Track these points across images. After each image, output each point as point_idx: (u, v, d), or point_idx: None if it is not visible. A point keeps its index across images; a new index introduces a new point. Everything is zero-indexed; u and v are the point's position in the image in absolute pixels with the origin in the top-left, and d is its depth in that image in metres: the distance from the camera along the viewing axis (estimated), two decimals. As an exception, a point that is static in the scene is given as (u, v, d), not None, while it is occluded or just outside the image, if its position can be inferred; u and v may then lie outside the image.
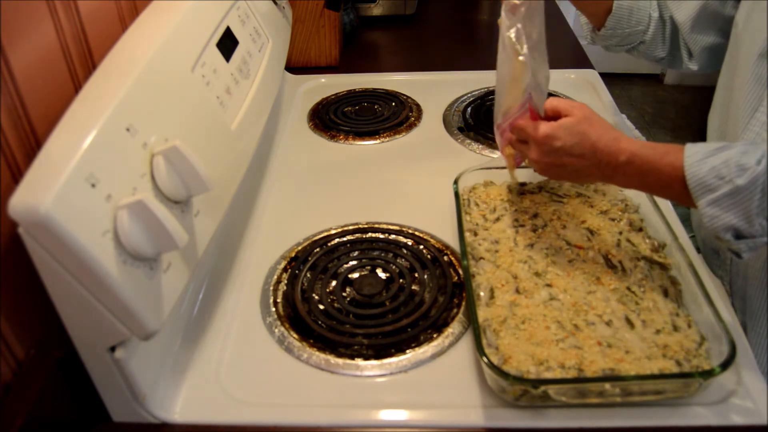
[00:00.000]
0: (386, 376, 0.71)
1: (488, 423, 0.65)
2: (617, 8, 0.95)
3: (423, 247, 0.87)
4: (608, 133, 0.70)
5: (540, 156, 0.73)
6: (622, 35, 0.98)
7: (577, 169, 0.72)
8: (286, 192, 1.01)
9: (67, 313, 0.57)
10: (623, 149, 0.69)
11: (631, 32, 0.97)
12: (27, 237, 0.51)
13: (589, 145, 0.70)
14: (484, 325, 0.69)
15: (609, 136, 0.70)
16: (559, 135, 0.70)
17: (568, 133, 0.70)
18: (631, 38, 0.98)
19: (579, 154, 0.70)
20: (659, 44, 0.99)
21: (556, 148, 0.71)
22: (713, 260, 0.92)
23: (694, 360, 0.65)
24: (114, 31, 0.78)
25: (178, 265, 0.63)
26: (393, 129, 1.15)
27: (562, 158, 0.71)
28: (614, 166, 0.69)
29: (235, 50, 0.86)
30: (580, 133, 0.70)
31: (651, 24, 0.97)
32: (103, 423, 0.66)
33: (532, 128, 0.73)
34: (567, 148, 0.70)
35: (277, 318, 0.78)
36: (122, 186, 0.56)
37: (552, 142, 0.71)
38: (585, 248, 0.79)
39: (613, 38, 0.99)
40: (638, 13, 0.96)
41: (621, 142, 0.69)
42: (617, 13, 0.96)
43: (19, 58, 0.59)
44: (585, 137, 0.70)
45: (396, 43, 1.57)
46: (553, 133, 0.71)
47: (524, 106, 0.76)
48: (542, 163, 0.74)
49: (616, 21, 0.96)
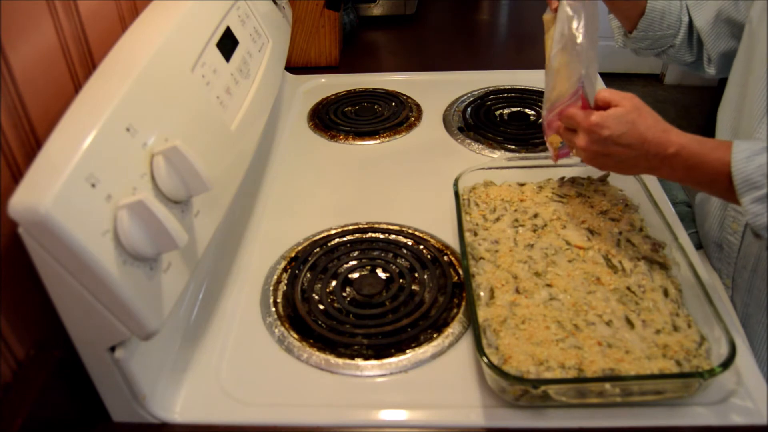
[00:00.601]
0: (386, 376, 0.71)
1: (488, 423, 0.65)
2: (650, 10, 0.95)
3: (423, 247, 0.87)
4: (658, 124, 0.70)
5: (588, 144, 0.73)
6: (653, 38, 0.98)
7: (623, 159, 0.72)
8: (286, 192, 1.01)
9: (67, 313, 0.57)
10: (672, 141, 0.69)
11: (662, 35, 0.97)
12: (27, 237, 0.51)
13: (638, 136, 0.70)
14: (484, 325, 0.69)
15: (658, 128, 0.70)
16: (608, 124, 0.70)
17: (617, 122, 0.70)
18: (661, 42, 0.98)
19: (626, 143, 0.70)
20: (687, 49, 0.99)
21: (605, 137, 0.71)
22: (715, 253, 0.92)
23: (694, 360, 0.65)
24: (114, 31, 0.78)
25: (178, 265, 0.63)
26: (393, 129, 1.15)
27: (610, 147, 0.71)
28: (662, 158, 0.69)
29: (235, 50, 0.86)
30: (629, 122, 0.70)
31: (681, 28, 0.97)
32: (103, 423, 0.66)
33: (581, 116, 0.73)
34: (615, 137, 0.70)
35: (277, 318, 0.78)
36: (122, 186, 0.56)
37: (600, 131, 0.71)
38: (585, 248, 0.79)
39: (644, 41, 0.99)
40: (670, 16, 0.96)
41: (670, 134, 0.69)
42: (650, 16, 0.96)
43: (19, 58, 0.59)
44: (634, 127, 0.70)
45: (396, 43, 1.57)
46: (603, 121, 0.71)
47: (576, 94, 0.76)
48: (589, 152, 0.74)
49: (648, 24, 0.96)
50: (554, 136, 0.83)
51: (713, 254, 0.93)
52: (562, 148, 0.85)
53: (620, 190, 0.89)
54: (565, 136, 0.79)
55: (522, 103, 1.21)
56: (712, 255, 0.93)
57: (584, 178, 0.92)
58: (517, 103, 1.21)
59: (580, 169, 0.93)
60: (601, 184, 0.91)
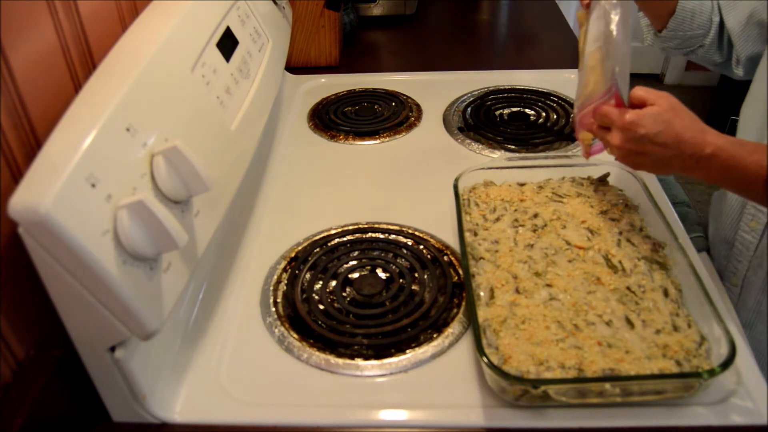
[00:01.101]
0: (386, 376, 0.71)
1: (488, 423, 0.65)
2: (681, 10, 0.95)
3: (423, 247, 0.87)
4: (695, 124, 0.70)
5: (622, 142, 0.72)
6: (683, 38, 0.97)
7: (658, 159, 0.71)
8: (286, 192, 1.01)
9: (67, 313, 0.57)
10: (709, 142, 0.68)
11: (692, 35, 0.97)
12: (27, 237, 0.51)
13: (674, 135, 0.69)
14: (484, 325, 0.69)
15: (695, 128, 0.69)
16: (643, 122, 0.70)
17: (653, 120, 0.70)
18: (691, 41, 0.98)
19: (662, 143, 0.70)
20: (717, 49, 0.99)
21: (640, 135, 0.70)
22: (724, 251, 0.92)
23: (694, 360, 0.65)
24: (114, 31, 0.78)
25: (178, 265, 0.63)
26: (393, 129, 1.15)
27: (645, 146, 0.71)
28: (697, 158, 0.69)
29: (235, 50, 0.86)
30: (665, 122, 0.69)
31: (711, 28, 0.97)
32: (103, 423, 0.66)
33: (616, 114, 0.73)
34: (651, 136, 0.70)
35: (277, 318, 0.78)
36: (122, 186, 0.56)
37: (636, 129, 0.70)
38: (585, 248, 0.79)
39: (674, 40, 0.98)
40: (700, 16, 0.96)
41: (707, 135, 0.69)
42: (680, 15, 0.95)
43: (19, 58, 0.59)
44: (670, 126, 0.69)
45: (396, 43, 1.57)
46: (638, 120, 0.70)
47: (609, 92, 0.76)
48: (624, 150, 0.73)
49: (678, 23, 0.96)
50: (585, 133, 0.82)
51: (721, 252, 0.92)
52: (594, 145, 0.84)
53: (620, 190, 0.89)
54: (598, 134, 0.78)
55: (522, 103, 1.21)
56: (720, 253, 0.92)
57: (584, 178, 0.92)
58: (517, 103, 1.21)
59: (580, 169, 0.93)
60: (601, 184, 0.91)
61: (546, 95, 1.23)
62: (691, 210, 1.07)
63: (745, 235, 0.87)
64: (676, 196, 1.08)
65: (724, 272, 0.91)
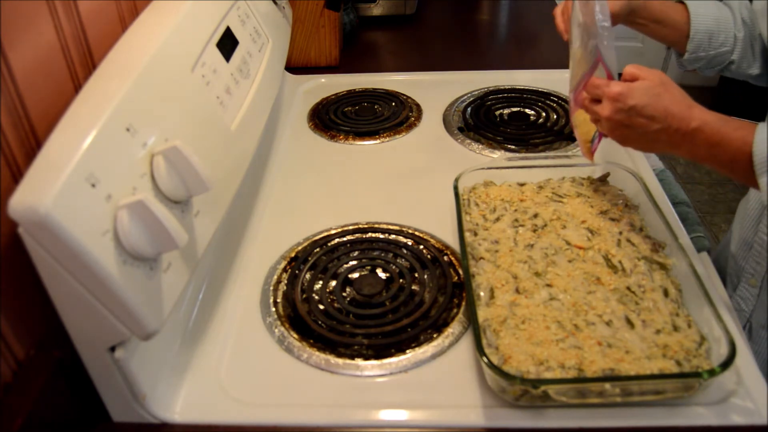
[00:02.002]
0: (386, 376, 0.71)
1: (488, 423, 0.65)
2: (694, 33, 0.95)
3: (423, 247, 0.87)
4: (684, 99, 0.71)
5: (612, 113, 0.73)
6: (707, 58, 0.98)
7: (645, 132, 0.72)
8: (286, 192, 1.01)
9: (67, 313, 0.57)
10: (695, 116, 0.69)
11: (717, 54, 0.97)
12: (27, 237, 0.51)
13: (662, 108, 0.70)
14: (484, 325, 0.69)
15: (683, 103, 0.71)
16: (633, 94, 0.71)
17: (642, 93, 0.71)
18: (717, 60, 0.98)
19: (650, 115, 0.71)
20: (751, 62, 0.98)
21: (629, 106, 0.71)
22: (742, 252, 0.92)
23: (694, 360, 0.65)
24: (114, 31, 0.78)
25: (178, 265, 0.63)
26: (393, 129, 1.15)
27: (633, 118, 0.72)
28: (683, 133, 0.70)
29: (235, 50, 0.86)
30: (654, 95, 0.71)
31: (737, 44, 0.97)
32: (103, 423, 0.66)
33: (606, 84, 0.74)
34: (639, 107, 0.71)
35: (277, 318, 0.78)
36: (122, 186, 0.56)
37: (626, 100, 0.71)
38: (585, 248, 0.79)
39: (699, 61, 0.99)
40: (719, 35, 0.96)
41: (694, 110, 0.70)
42: (695, 39, 0.96)
43: (19, 58, 0.60)
44: (659, 99, 0.71)
45: (396, 43, 1.57)
46: (628, 91, 0.71)
47: (595, 65, 0.78)
48: (613, 121, 0.74)
49: (695, 46, 0.96)
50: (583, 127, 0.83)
51: (740, 253, 0.92)
52: (593, 142, 0.85)
53: (620, 190, 0.89)
54: (589, 108, 0.79)
55: (522, 103, 1.21)
56: (739, 254, 0.92)
57: (584, 178, 0.92)
58: (517, 103, 1.21)
59: (580, 169, 0.93)
60: (601, 184, 0.91)
61: (546, 95, 1.23)
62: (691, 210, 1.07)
63: (764, 236, 0.87)
64: (676, 196, 1.08)
65: (743, 273, 0.91)
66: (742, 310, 0.89)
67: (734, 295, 0.91)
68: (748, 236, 0.91)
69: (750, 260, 0.89)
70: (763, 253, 0.87)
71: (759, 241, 0.88)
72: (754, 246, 0.89)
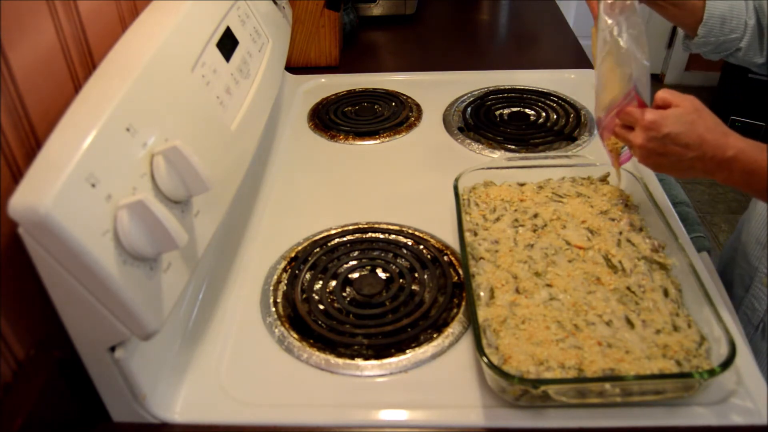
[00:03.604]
0: (386, 376, 0.71)
1: (488, 423, 0.65)
2: (708, 17, 0.94)
3: (423, 247, 0.87)
4: (718, 127, 0.70)
5: (645, 141, 0.72)
6: (716, 43, 0.97)
7: (680, 160, 0.71)
8: (286, 192, 1.01)
9: (67, 313, 0.57)
10: (731, 145, 0.69)
11: (726, 40, 0.96)
12: (27, 237, 0.51)
13: (696, 136, 0.69)
14: (484, 325, 0.69)
15: (718, 130, 0.70)
16: (667, 122, 0.70)
17: (676, 121, 0.70)
18: (725, 46, 0.97)
19: (684, 143, 0.70)
20: (757, 51, 0.98)
21: (663, 134, 0.70)
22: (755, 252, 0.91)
23: (694, 360, 0.65)
24: (114, 31, 0.78)
25: (178, 265, 0.63)
26: (393, 129, 1.15)
27: (667, 146, 0.71)
28: (719, 161, 0.69)
29: (235, 50, 0.86)
30: (688, 123, 0.70)
31: (747, 31, 0.95)
32: (103, 423, 0.66)
33: (639, 114, 0.73)
34: (673, 135, 0.70)
35: (277, 318, 0.78)
36: (122, 186, 0.56)
37: (659, 128, 0.71)
38: (585, 248, 0.79)
39: (707, 46, 0.98)
40: (732, 21, 0.95)
41: (729, 138, 0.69)
42: (708, 23, 0.94)
43: (19, 58, 0.60)
44: (693, 127, 0.70)
45: (396, 43, 1.57)
46: (662, 120, 0.71)
47: (630, 95, 0.77)
48: (645, 149, 0.73)
49: (708, 30, 0.95)
50: (613, 139, 0.82)
51: (753, 253, 0.92)
52: (623, 154, 0.85)
53: (620, 190, 0.89)
54: (621, 134, 0.79)
55: (522, 103, 1.21)
56: (752, 253, 0.92)
57: (584, 178, 0.92)
58: (517, 103, 1.21)
59: (580, 169, 0.93)
60: (601, 184, 0.91)
61: (546, 95, 1.23)
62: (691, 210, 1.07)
63: None
64: (676, 196, 1.08)
65: (756, 273, 0.91)
66: (755, 309, 0.89)
67: (747, 295, 0.91)
68: (760, 236, 0.91)
69: (763, 260, 0.89)
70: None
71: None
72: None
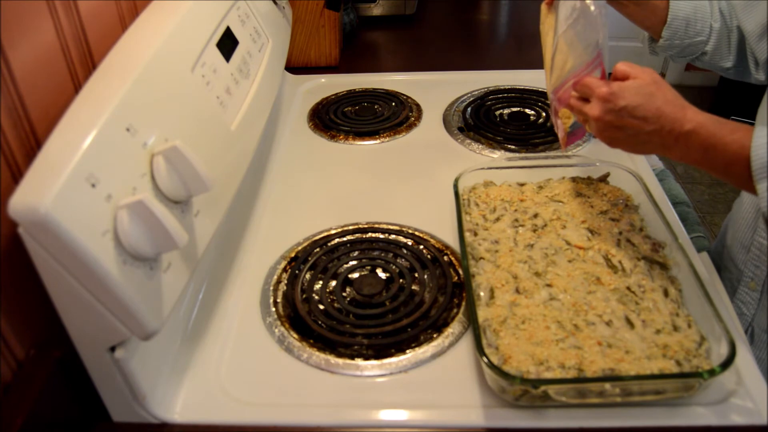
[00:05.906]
0: (386, 376, 0.71)
1: (488, 423, 0.65)
2: (672, 19, 0.93)
3: (423, 247, 0.87)
4: (676, 100, 0.68)
5: (601, 113, 0.70)
6: (681, 46, 0.96)
7: (636, 133, 0.69)
8: (286, 192, 1.01)
9: (67, 313, 0.57)
10: (689, 118, 0.67)
11: (691, 43, 0.95)
12: (27, 237, 0.51)
13: (654, 109, 0.68)
14: (484, 325, 0.69)
15: (676, 103, 0.68)
16: (624, 94, 0.68)
17: (634, 93, 0.68)
18: (691, 49, 0.96)
19: (642, 116, 0.68)
20: (724, 54, 0.96)
21: (620, 107, 0.68)
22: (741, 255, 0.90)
23: (694, 360, 0.65)
24: (114, 31, 0.78)
25: (178, 265, 0.63)
26: (393, 129, 1.15)
27: (624, 119, 0.69)
28: (677, 135, 0.67)
29: (235, 50, 0.86)
30: (647, 95, 0.68)
31: (712, 35, 0.94)
32: (103, 423, 0.66)
33: (597, 84, 0.71)
34: (630, 108, 0.68)
35: (277, 318, 0.78)
36: (122, 186, 0.56)
37: (616, 100, 0.69)
38: (585, 248, 0.79)
39: (672, 49, 0.97)
40: (696, 24, 0.94)
41: (688, 111, 0.67)
42: (672, 24, 0.93)
43: (19, 58, 0.60)
44: (651, 100, 0.68)
45: (396, 43, 1.57)
46: (619, 91, 0.69)
47: (595, 62, 0.75)
48: (602, 122, 0.71)
49: (671, 33, 0.94)
50: (564, 111, 0.80)
51: (738, 256, 0.91)
52: (571, 133, 0.83)
53: (620, 190, 0.89)
54: (576, 106, 0.76)
55: (522, 103, 1.21)
56: (737, 257, 0.91)
57: (584, 178, 0.92)
58: (517, 103, 1.21)
59: (580, 169, 0.93)
60: (601, 184, 0.91)
61: (546, 95, 1.23)
62: (691, 210, 1.07)
63: (761, 240, 0.86)
64: (676, 196, 1.08)
65: (742, 277, 0.90)
66: (743, 314, 0.88)
67: (734, 299, 0.90)
68: (744, 239, 0.90)
69: (749, 264, 0.89)
70: (762, 257, 0.86)
71: (757, 244, 0.87)
72: (752, 249, 0.88)
